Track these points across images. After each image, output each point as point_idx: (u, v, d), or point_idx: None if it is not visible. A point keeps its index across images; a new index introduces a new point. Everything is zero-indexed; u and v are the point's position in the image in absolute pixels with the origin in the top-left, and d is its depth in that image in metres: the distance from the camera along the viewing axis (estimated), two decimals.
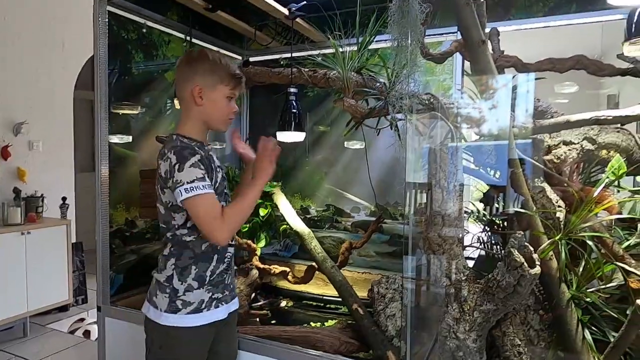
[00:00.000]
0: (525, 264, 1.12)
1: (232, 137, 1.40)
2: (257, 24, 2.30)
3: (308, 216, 2.54)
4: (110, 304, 1.74)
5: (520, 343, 1.23)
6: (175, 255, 1.19)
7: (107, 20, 1.69)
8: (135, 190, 1.92)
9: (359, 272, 2.37)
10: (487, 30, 1.89)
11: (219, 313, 1.22)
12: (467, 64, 1.71)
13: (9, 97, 3.21)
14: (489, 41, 1.93)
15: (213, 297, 1.21)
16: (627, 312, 1.13)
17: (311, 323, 1.97)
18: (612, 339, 1.17)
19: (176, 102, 1.93)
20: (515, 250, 1.13)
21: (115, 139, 1.96)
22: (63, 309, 3.38)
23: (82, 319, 3.27)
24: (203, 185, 1.10)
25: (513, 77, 1.53)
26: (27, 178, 3.27)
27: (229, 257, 1.26)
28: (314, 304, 2.24)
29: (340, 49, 1.66)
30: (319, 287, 2.23)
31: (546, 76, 1.66)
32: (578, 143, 1.37)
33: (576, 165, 1.45)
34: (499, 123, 1.45)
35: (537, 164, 1.28)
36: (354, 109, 1.58)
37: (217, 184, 1.21)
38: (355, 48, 1.82)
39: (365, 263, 2.41)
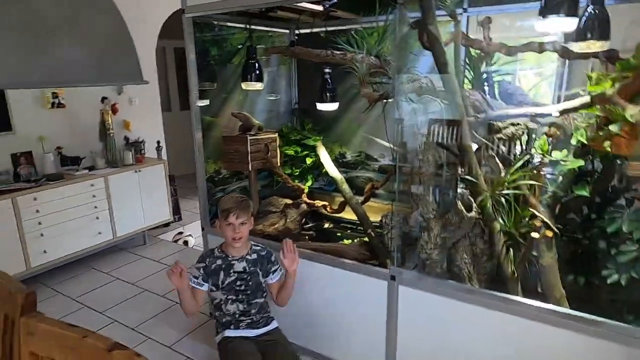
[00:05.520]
0: (464, 210, 1.80)
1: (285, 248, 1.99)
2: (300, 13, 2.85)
3: (345, 160, 3.26)
4: (210, 226, 2.65)
5: (466, 257, 1.95)
6: None
7: (193, 31, 2.36)
8: (220, 147, 2.72)
9: (384, 203, 3.10)
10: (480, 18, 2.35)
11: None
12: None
13: None
14: (481, 27, 2.39)
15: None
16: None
17: (344, 240, 2.79)
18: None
19: (243, 84, 2.62)
20: (459, 202, 1.81)
21: (200, 103, 2.67)
22: (166, 225, 4.50)
23: (180, 232, 4.38)
24: (193, 279, 2.00)
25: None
26: (131, 127, 4.23)
27: (229, 312, 2.01)
28: (349, 225, 3.04)
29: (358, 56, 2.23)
30: (352, 214, 3.01)
31: None
32: (523, 124, 1.93)
33: None
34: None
35: (486, 142, 1.88)
36: (368, 96, 2.20)
37: (225, 283, 1.99)
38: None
39: (389, 196, 3.13)
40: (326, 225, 3.07)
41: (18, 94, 3.43)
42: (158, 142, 4.38)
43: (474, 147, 1.94)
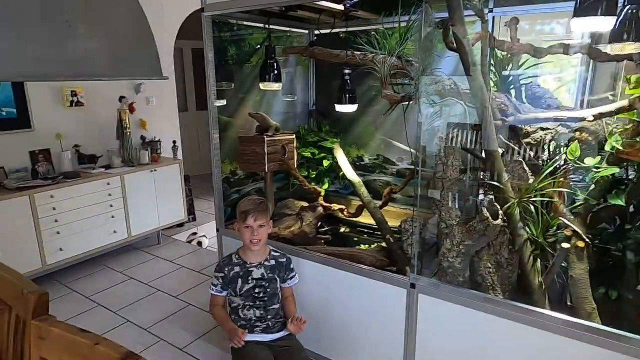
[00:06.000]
0: (490, 217, 1.72)
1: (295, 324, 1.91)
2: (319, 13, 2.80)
3: (362, 163, 3.20)
4: (224, 227, 2.61)
5: (490, 266, 1.87)
6: None
7: (212, 30, 2.33)
8: (236, 148, 2.68)
9: (401, 208, 3.03)
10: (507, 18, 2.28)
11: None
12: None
13: None
14: (508, 28, 2.31)
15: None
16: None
17: (361, 245, 2.72)
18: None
19: (261, 84, 2.59)
20: (485, 208, 1.73)
21: (218, 102, 2.63)
22: (180, 225, 4.49)
23: (194, 233, 4.37)
24: (213, 287, 1.98)
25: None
26: (148, 127, 4.23)
27: (246, 317, 1.97)
28: (365, 230, 2.98)
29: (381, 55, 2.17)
30: (369, 219, 2.94)
31: None
32: (553, 128, 1.84)
33: None
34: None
35: (512, 146, 1.80)
36: (389, 97, 2.14)
37: (243, 290, 1.94)
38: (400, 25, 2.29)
39: (407, 201, 3.06)
40: (342, 230, 3.01)
41: (38, 92, 3.45)
42: (174, 142, 4.37)
43: (499, 151, 1.86)
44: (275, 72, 2.55)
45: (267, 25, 2.75)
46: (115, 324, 2.81)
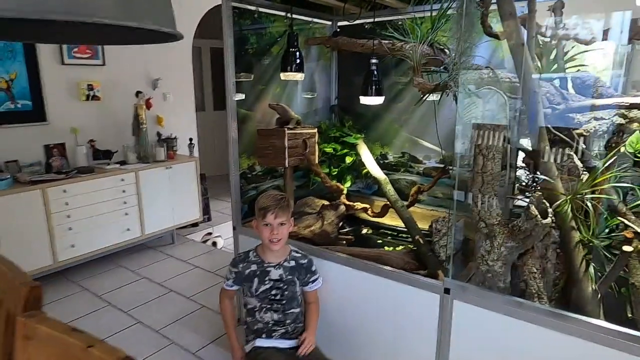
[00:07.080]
0: (538, 216, 1.54)
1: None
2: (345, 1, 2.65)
3: (386, 161, 3.03)
4: (242, 226, 2.47)
5: (535, 271, 1.67)
6: None
7: (232, 16, 2.20)
8: (254, 142, 2.54)
9: (428, 209, 2.85)
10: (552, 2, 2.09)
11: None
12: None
13: (148, 59, 3.99)
14: (552, 13, 2.13)
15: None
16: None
17: (385, 247, 2.55)
18: None
19: (282, 75, 2.45)
20: (533, 206, 1.54)
21: (237, 96, 2.50)
22: (195, 224, 4.37)
23: (209, 233, 4.24)
24: (226, 281, 1.86)
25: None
26: (164, 123, 4.14)
27: (263, 320, 1.82)
28: (389, 232, 2.80)
29: (412, 44, 2.01)
30: (393, 220, 2.76)
31: None
32: (609, 118, 1.65)
33: None
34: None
35: (564, 138, 1.61)
36: (422, 86, 1.97)
37: (259, 291, 1.80)
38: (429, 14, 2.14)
39: (434, 202, 2.87)
40: (364, 231, 2.84)
41: (54, 85, 3.39)
42: (190, 140, 4.27)
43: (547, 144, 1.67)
44: (298, 61, 2.41)
45: (289, 14, 2.62)
46: (126, 325, 2.68)
